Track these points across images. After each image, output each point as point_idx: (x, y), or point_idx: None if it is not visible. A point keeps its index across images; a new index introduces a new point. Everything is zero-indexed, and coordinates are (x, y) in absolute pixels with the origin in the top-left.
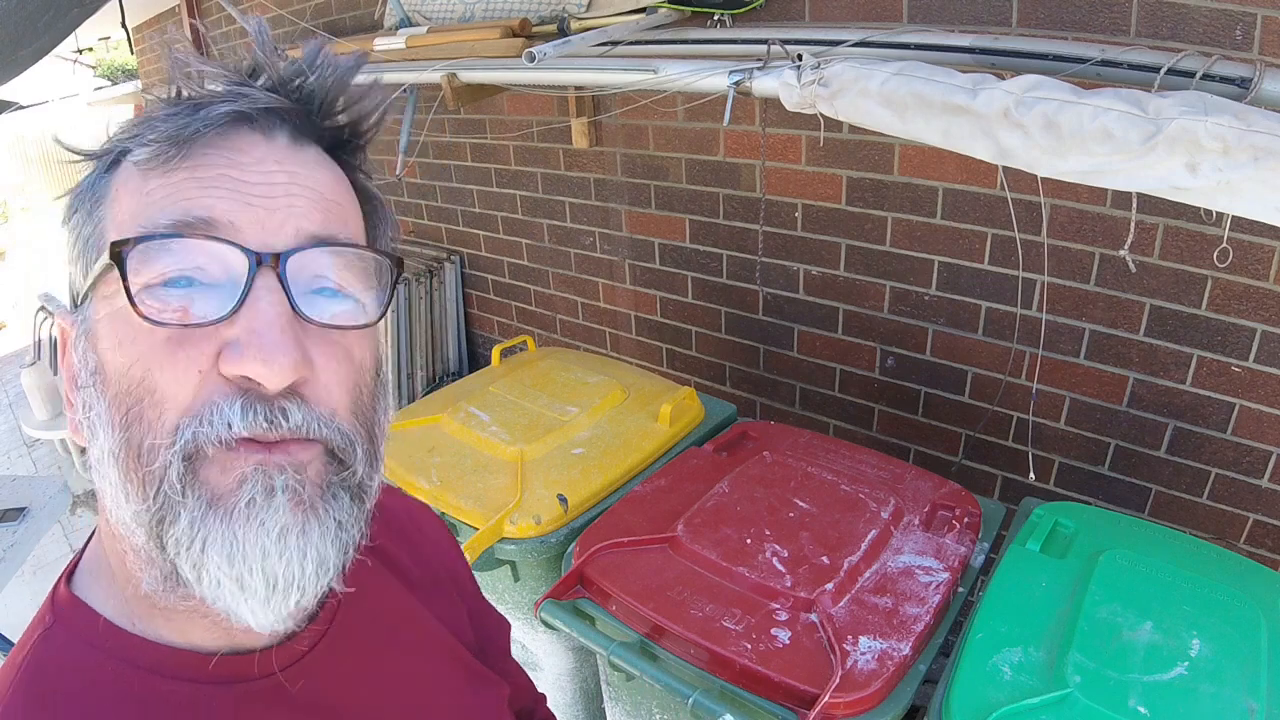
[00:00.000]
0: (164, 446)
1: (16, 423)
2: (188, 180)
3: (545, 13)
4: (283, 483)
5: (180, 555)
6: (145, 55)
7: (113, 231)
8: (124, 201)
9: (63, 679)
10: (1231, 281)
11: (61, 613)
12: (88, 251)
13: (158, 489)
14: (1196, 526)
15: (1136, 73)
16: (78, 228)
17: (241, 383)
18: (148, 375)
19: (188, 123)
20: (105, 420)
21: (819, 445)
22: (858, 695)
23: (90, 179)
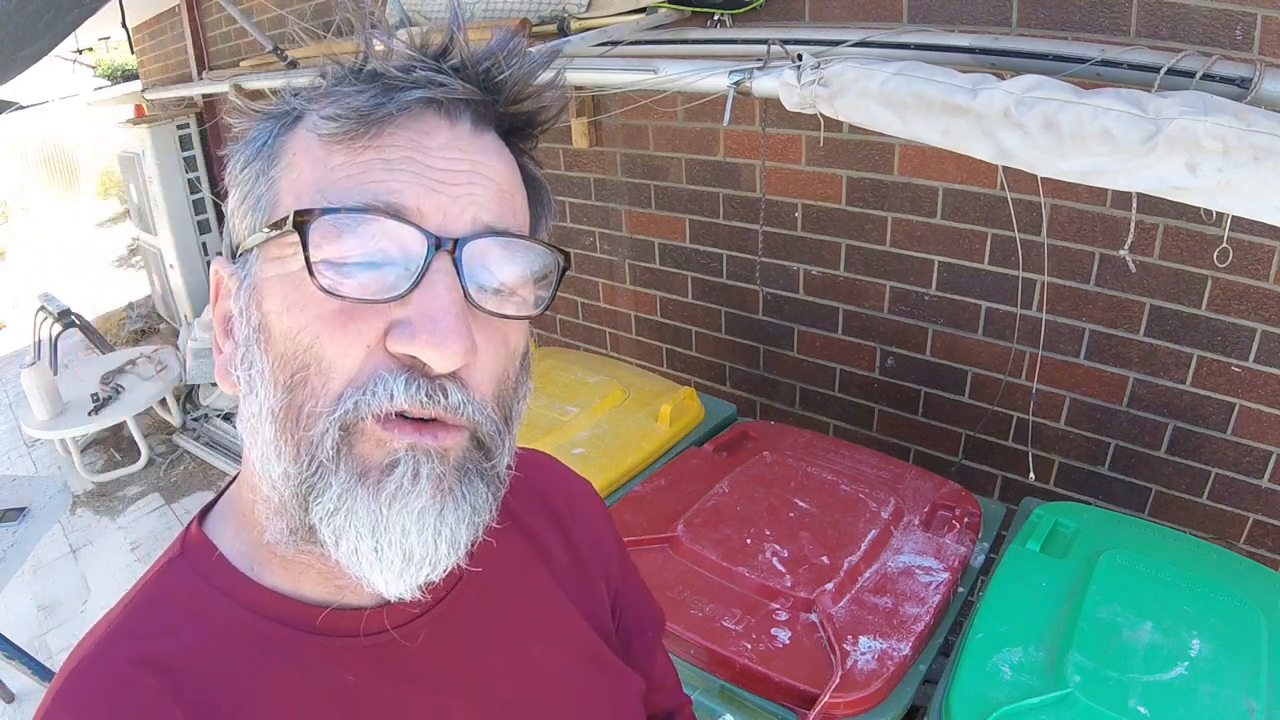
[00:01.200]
0: (325, 414)
1: (16, 423)
2: (375, 160)
3: (545, 13)
4: (429, 470)
5: (323, 521)
6: (145, 55)
7: (289, 196)
8: (304, 169)
9: (175, 607)
10: (1231, 281)
11: (189, 547)
12: (258, 209)
13: (312, 455)
14: (1196, 526)
15: (1136, 73)
16: (248, 183)
17: (406, 360)
18: (316, 343)
19: (380, 103)
20: (268, 379)
21: (819, 445)
22: (858, 695)
23: (262, 135)
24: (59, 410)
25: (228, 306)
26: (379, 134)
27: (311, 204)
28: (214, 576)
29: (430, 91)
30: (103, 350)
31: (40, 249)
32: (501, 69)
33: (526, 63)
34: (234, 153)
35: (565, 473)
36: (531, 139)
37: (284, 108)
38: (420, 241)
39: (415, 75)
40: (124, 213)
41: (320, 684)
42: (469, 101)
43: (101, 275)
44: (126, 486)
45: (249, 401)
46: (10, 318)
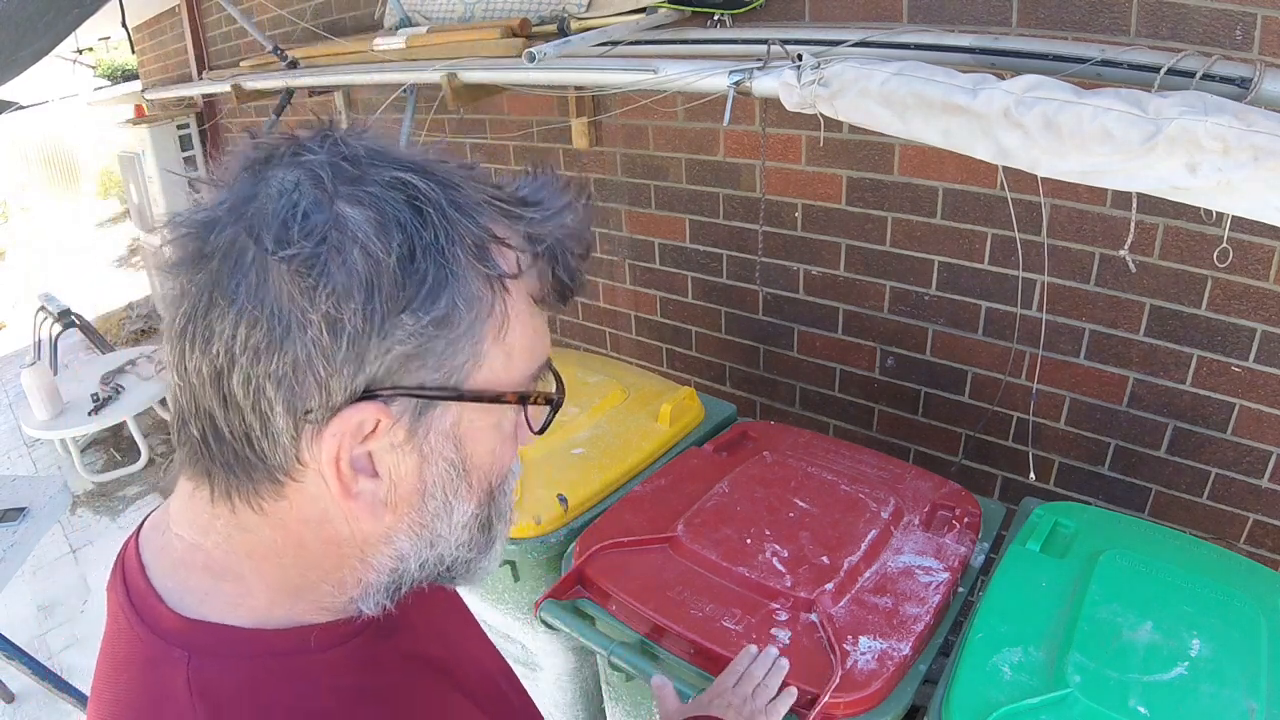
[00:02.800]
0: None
1: (16, 423)
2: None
3: (545, 13)
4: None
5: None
6: (145, 55)
7: (501, 355)
8: (517, 332)
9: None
10: (1231, 281)
11: (187, 640)
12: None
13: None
14: (1196, 526)
15: (1136, 73)
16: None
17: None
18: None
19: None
20: (470, 498)
21: (819, 445)
22: (858, 695)
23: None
24: (59, 410)
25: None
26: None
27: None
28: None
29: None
30: (103, 350)
31: (40, 249)
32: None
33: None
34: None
35: None
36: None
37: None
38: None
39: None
40: (124, 213)
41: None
42: None
43: (101, 275)
44: (126, 486)
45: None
46: (10, 318)
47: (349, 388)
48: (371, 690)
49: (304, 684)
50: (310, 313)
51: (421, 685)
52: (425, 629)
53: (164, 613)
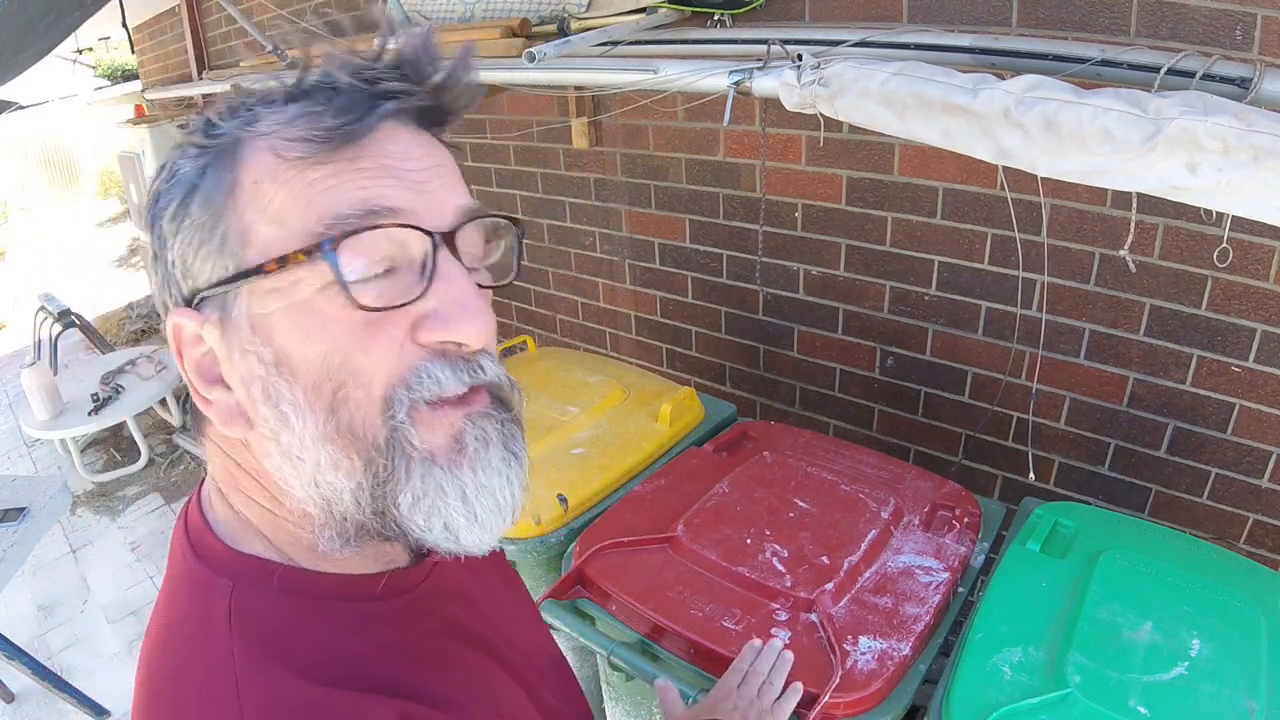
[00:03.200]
0: (381, 420)
1: (16, 423)
2: (352, 171)
3: (545, 13)
4: (493, 428)
5: (413, 509)
6: (145, 55)
7: (266, 225)
8: (275, 194)
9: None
10: (1231, 281)
11: (229, 569)
12: (227, 247)
13: (389, 457)
14: (1196, 526)
15: (1136, 73)
16: (201, 226)
17: (438, 347)
18: (348, 359)
19: (356, 118)
20: (304, 407)
21: (819, 445)
22: (858, 695)
23: (204, 172)
24: (59, 410)
25: (199, 355)
26: (354, 148)
27: (303, 224)
28: (279, 583)
29: (402, 103)
30: (103, 350)
31: (40, 249)
32: (440, 70)
33: (461, 64)
34: (164, 195)
35: None
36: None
37: (224, 140)
38: (421, 240)
39: (380, 87)
40: (124, 213)
41: (422, 628)
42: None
43: (101, 275)
44: (126, 486)
45: (284, 435)
46: (10, 318)
47: (174, 301)
48: (406, 645)
49: (340, 629)
50: (152, 243)
51: (459, 650)
52: (477, 604)
53: (213, 543)
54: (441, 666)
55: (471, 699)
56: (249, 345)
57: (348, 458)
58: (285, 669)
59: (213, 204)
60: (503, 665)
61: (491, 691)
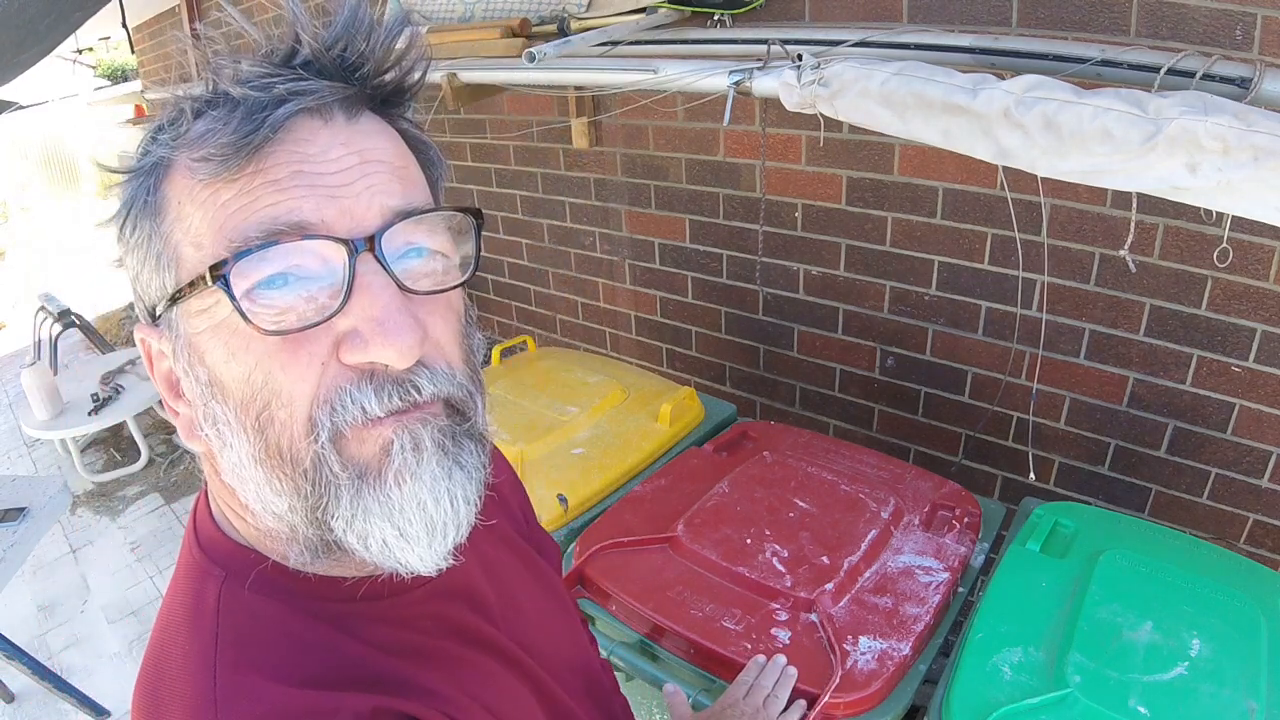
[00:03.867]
0: (307, 442)
1: (16, 423)
2: (263, 185)
3: (545, 13)
4: (428, 434)
5: (346, 530)
6: (145, 55)
7: (189, 247)
8: (193, 215)
9: (261, 621)
10: (1231, 281)
11: (226, 560)
12: (162, 268)
13: (314, 481)
14: (1196, 526)
15: (1136, 73)
16: (141, 245)
17: (365, 367)
18: (270, 378)
19: (252, 130)
20: (235, 428)
21: (819, 445)
22: (858, 695)
23: (139, 194)
24: (59, 410)
25: (167, 369)
26: (260, 159)
27: (214, 248)
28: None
29: (297, 103)
30: (103, 350)
31: (40, 249)
32: (356, 49)
33: (379, 35)
34: (117, 217)
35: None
36: (404, 104)
37: (149, 160)
38: (338, 250)
39: (275, 90)
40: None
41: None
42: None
43: (101, 275)
44: (126, 486)
45: (226, 454)
46: (10, 318)
47: (142, 315)
48: (393, 643)
49: (323, 627)
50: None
51: (454, 648)
52: (489, 606)
53: (214, 533)
54: (430, 663)
55: (460, 695)
56: (188, 365)
57: (279, 479)
58: (263, 667)
59: (147, 224)
60: (510, 667)
61: (489, 691)
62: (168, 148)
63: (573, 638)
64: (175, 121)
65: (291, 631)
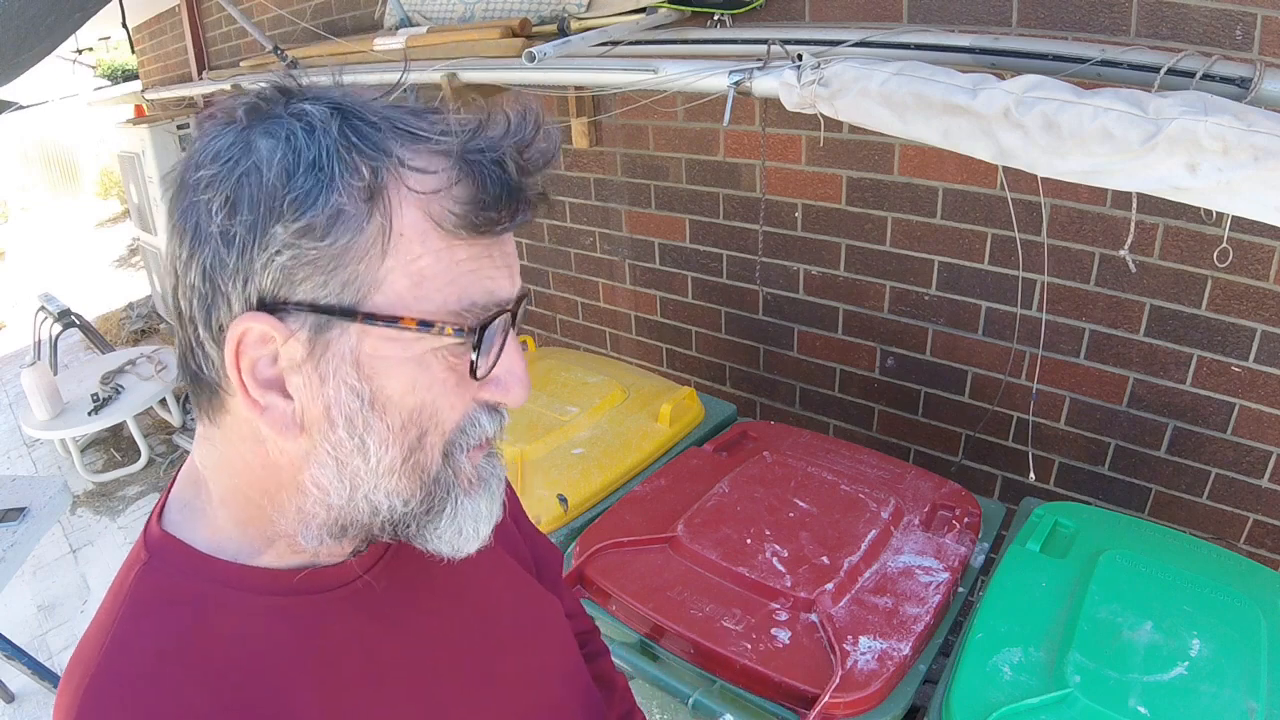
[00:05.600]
0: (442, 458)
1: (16, 423)
2: (487, 259)
3: (545, 13)
4: (500, 469)
5: (440, 526)
6: (145, 55)
7: (403, 279)
8: (425, 258)
9: (166, 603)
10: (1231, 281)
11: (157, 550)
12: (348, 282)
13: (435, 486)
14: (1196, 526)
15: (1136, 73)
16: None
17: (492, 403)
18: (437, 410)
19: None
20: (389, 442)
21: (819, 445)
22: (858, 695)
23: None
24: (59, 410)
25: (263, 359)
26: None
27: (444, 300)
28: (191, 568)
29: (529, 213)
30: (103, 350)
31: (40, 249)
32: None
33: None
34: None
35: None
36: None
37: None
38: (507, 319)
39: (527, 192)
40: (124, 213)
41: (314, 635)
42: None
43: (101, 275)
44: (126, 486)
45: (355, 460)
46: (10, 318)
47: (243, 298)
48: (298, 648)
49: (234, 618)
50: (210, 226)
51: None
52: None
53: (153, 523)
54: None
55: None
56: (348, 377)
57: (410, 488)
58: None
59: (344, 231)
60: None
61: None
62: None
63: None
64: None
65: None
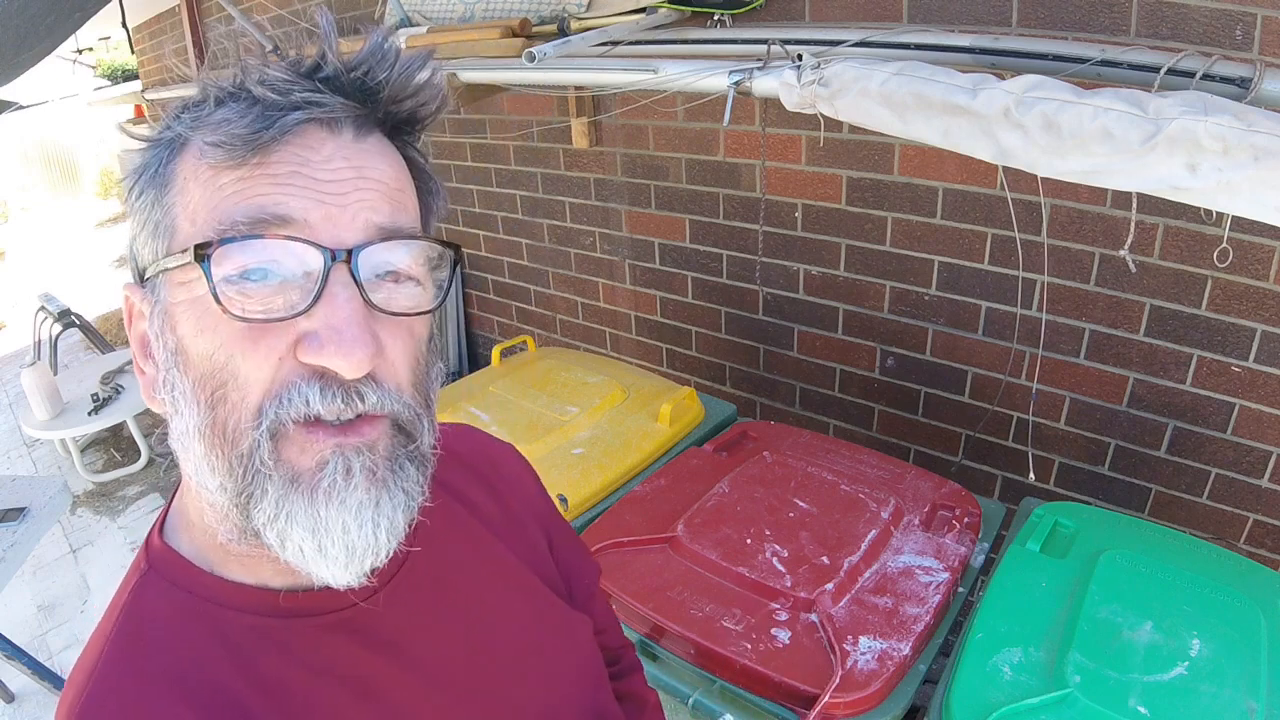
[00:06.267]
0: (249, 428)
1: (16, 423)
2: (261, 177)
3: (545, 13)
4: (360, 464)
5: (266, 526)
6: (145, 55)
7: (185, 221)
8: (194, 193)
9: (162, 619)
10: (1231, 281)
11: (155, 560)
12: (159, 235)
13: (245, 467)
14: (1196, 526)
15: (1136, 73)
16: (145, 210)
17: (318, 368)
18: (230, 360)
19: (263, 126)
20: (190, 399)
21: (819, 445)
22: (858, 695)
23: (153, 163)
24: (59, 410)
25: (143, 330)
26: (265, 154)
27: (206, 228)
28: (185, 582)
29: (309, 113)
30: (103, 350)
31: (40, 249)
32: (375, 75)
33: (400, 66)
34: (128, 180)
35: (484, 437)
36: (415, 133)
37: (169, 134)
38: (316, 256)
39: (293, 97)
40: (124, 213)
41: (304, 662)
42: (350, 112)
43: (101, 275)
44: (126, 486)
45: (176, 421)
46: (10, 318)
47: (133, 273)
48: (278, 683)
49: (223, 638)
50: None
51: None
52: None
53: (155, 531)
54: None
55: None
56: (160, 330)
57: (216, 455)
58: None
59: (153, 192)
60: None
61: None
62: (187, 126)
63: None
64: (199, 104)
65: (178, 635)
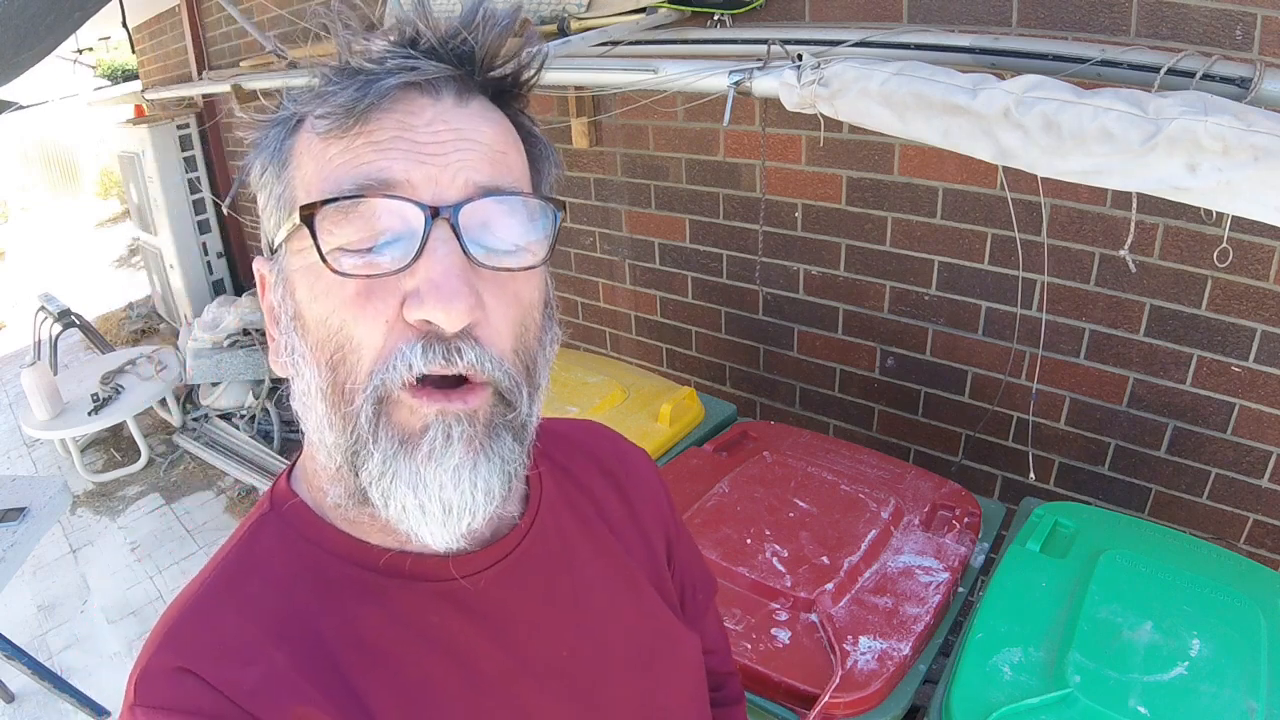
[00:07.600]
0: (360, 390)
1: (16, 423)
2: (365, 145)
3: (545, 13)
4: (460, 432)
5: (372, 485)
6: (145, 55)
7: (300, 192)
8: (307, 166)
9: (268, 559)
10: (1231, 281)
11: (278, 501)
12: (280, 208)
13: (354, 426)
14: (1196, 526)
15: (1136, 73)
16: (269, 186)
17: (422, 326)
18: (345, 325)
19: (362, 95)
20: (310, 362)
21: (819, 445)
22: (858, 695)
23: (274, 142)
24: (59, 410)
25: (270, 299)
26: (367, 122)
27: (315, 196)
28: (300, 526)
29: (405, 77)
30: (103, 350)
31: (40, 249)
32: (471, 41)
33: (495, 30)
34: (252, 159)
35: (616, 436)
36: (520, 98)
37: (285, 113)
38: (417, 213)
39: (389, 64)
40: (124, 213)
41: (403, 620)
42: (448, 77)
43: (101, 275)
44: (126, 486)
45: (298, 382)
46: (10, 318)
47: (263, 247)
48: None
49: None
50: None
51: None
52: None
53: (282, 477)
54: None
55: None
56: (282, 297)
57: (335, 414)
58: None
59: (274, 168)
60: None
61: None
62: (300, 104)
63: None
64: (310, 84)
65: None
